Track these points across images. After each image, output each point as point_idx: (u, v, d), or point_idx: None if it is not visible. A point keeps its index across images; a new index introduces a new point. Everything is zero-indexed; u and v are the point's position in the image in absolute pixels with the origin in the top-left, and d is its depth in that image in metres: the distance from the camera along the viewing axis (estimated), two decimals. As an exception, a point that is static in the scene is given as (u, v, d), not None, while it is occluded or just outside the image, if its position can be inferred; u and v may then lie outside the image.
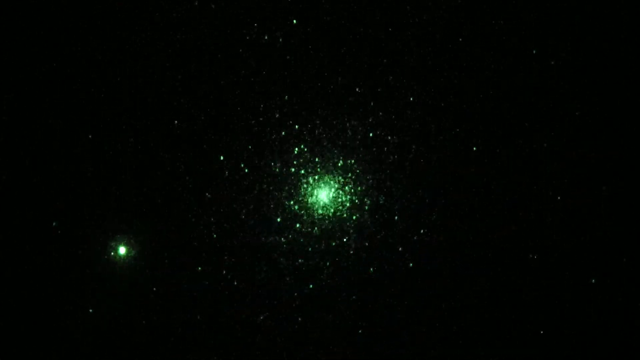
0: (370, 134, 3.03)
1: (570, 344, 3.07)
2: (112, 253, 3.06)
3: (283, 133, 3.03)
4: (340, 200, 3.05)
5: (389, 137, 3.03)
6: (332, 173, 3.04)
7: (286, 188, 3.04)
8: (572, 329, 3.07)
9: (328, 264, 3.06)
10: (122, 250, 3.07)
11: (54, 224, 3.06)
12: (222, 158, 3.04)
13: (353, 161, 3.04)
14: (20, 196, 3.07)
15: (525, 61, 3.04)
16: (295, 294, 3.07)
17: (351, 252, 3.06)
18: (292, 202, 3.05)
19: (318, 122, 3.03)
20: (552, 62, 3.04)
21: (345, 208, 3.05)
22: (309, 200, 3.05)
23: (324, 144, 3.03)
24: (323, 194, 3.05)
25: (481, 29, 3.03)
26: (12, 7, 3.05)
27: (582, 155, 3.06)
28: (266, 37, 3.04)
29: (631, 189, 3.05)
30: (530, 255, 3.05)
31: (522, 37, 3.04)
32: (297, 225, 3.05)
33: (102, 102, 3.05)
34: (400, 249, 3.05)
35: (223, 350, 3.07)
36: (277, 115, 3.03)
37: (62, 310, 3.06)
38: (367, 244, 3.06)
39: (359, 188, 3.04)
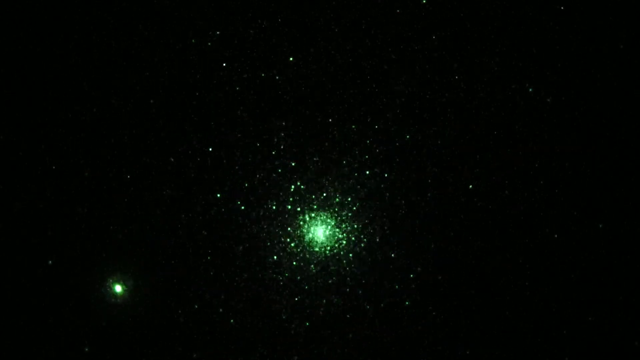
0: (367, 172, 3.03)
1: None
2: (108, 291, 3.05)
3: (279, 170, 3.03)
4: (336, 237, 3.04)
5: (386, 175, 3.03)
6: (328, 211, 3.04)
7: (282, 225, 3.04)
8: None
9: (324, 301, 3.05)
10: (118, 288, 3.06)
11: (49, 262, 3.05)
12: (218, 195, 3.04)
13: (349, 199, 3.04)
14: (15, 235, 3.07)
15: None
16: (292, 331, 3.06)
17: (348, 290, 3.05)
18: (288, 240, 3.04)
19: (314, 159, 3.03)
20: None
21: (342, 246, 3.04)
22: (306, 238, 3.04)
23: (320, 181, 3.03)
24: (319, 232, 3.04)
25: (479, 66, 3.05)
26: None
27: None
28: (263, 75, 3.06)
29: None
30: (534, 294, 3.04)
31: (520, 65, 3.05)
32: (294, 263, 3.04)
33: (95, 138, 3.06)
34: (397, 287, 3.04)
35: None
36: (273, 153, 3.04)
37: (57, 349, 3.05)
38: (363, 282, 3.05)
39: (355, 226, 3.04)
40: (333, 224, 3.04)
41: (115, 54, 3.06)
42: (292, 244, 3.04)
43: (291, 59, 3.06)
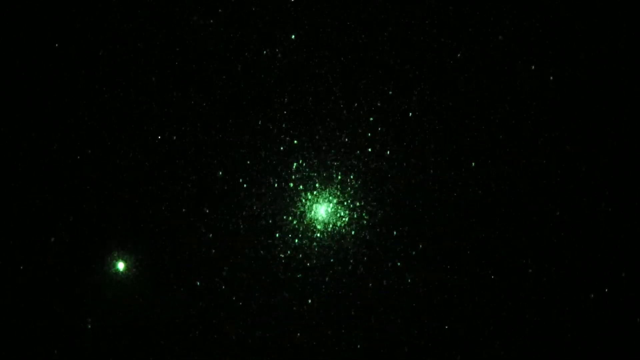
0: (369, 149, 3.03)
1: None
2: (111, 268, 3.05)
3: (281, 148, 3.03)
4: (338, 215, 3.04)
5: (388, 152, 3.03)
6: (330, 188, 3.04)
7: (284, 203, 3.04)
8: (573, 332, 3.07)
9: (327, 279, 3.06)
10: (120, 265, 3.06)
11: (51, 239, 3.05)
12: (220, 173, 3.03)
13: (352, 176, 3.03)
14: (17, 211, 3.07)
15: (525, 63, 3.04)
16: (294, 309, 3.07)
17: (350, 267, 3.05)
18: (290, 218, 3.04)
19: (316, 137, 3.03)
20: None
21: (344, 224, 3.04)
22: (308, 215, 3.05)
23: (322, 159, 3.03)
24: (322, 210, 3.04)
25: (480, 48, 3.03)
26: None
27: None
28: (265, 52, 3.04)
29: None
30: (533, 276, 3.05)
31: (521, 39, 3.04)
32: (296, 240, 3.05)
33: (98, 116, 3.05)
34: (398, 264, 3.05)
35: (221, 368, 3.07)
36: (275, 131, 3.03)
37: (60, 325, 3.06)
38: (365, 259, 3.05)
39: (358, 203, 3.04)
40: (335, 202, 3.04)
41: (112, 28, 3.04)
42: (294, 222, 3.04)
43: (293, 36, 3.04)
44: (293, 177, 3.03)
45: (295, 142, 3.02)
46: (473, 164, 3.03)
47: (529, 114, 3.04)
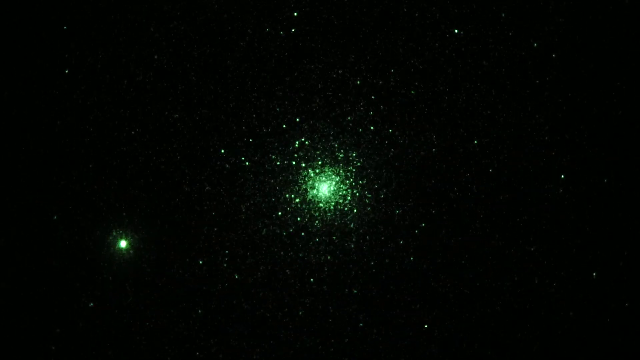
0: (371, 127, 3.02)
1: (570, 344, 3.06)
2: (113, 247, 3.05)
3: (284, 126, 3.02)
4: (341, 193, 3.04)
5: (390, 130, 3.02)
6: (333, 166, 3.03)
7: (287, 181, 3.03)
8: (572, 327, 3.05)
9: (329, 257, 3.05)
10: (122, 243, 3.06)
11: (54, 217, 3.06)
12: (222, 151, 3.03)
13: (354, 154, 3.03)
14: (21, 191, 3.07)
15: (527, 57, 3.02)
16: (296, 287, 3.06)
17: (352, 245, 3.04)
18: (292, 196, 3.04)
19: (319, 115, 3.02)
20: (553, 60, 3.02)
21: (346, 201, 3.04)
22: (310, 193, 3.04)
23: (325, 136, 3.02)
24: (324, 187, 3.04)
25: (483, 23, 3.02)
26: (12, 7, 3.05)
27: (583, 153, 3.04)
28: (267, 30, 3.03)
29: (631, 188, 3.03)
30: (531, 248, 3.04)
31: (523, 33, 3.02)
32: (298, 218, 3.04)
33: (102, 95, 3.05)
34: (401, 242, 3.03)
35: (222, 343, 3.06)
36: (277, 109, 3.02)
37: (62, 304, 3.06)
38: (367, 238, 3.05)
39: (360, 181, 3.03)
40: (337, 179, 3.04)
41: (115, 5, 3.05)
42: (297, 200, 3.04)
43: (295, 13, 3.04)
44: (295, 154, 3.02)
45: (297, 119, 3.01)
46: (476, 141, 3.02)
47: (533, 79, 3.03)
